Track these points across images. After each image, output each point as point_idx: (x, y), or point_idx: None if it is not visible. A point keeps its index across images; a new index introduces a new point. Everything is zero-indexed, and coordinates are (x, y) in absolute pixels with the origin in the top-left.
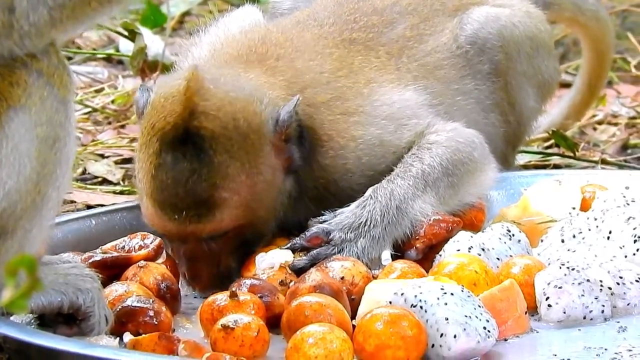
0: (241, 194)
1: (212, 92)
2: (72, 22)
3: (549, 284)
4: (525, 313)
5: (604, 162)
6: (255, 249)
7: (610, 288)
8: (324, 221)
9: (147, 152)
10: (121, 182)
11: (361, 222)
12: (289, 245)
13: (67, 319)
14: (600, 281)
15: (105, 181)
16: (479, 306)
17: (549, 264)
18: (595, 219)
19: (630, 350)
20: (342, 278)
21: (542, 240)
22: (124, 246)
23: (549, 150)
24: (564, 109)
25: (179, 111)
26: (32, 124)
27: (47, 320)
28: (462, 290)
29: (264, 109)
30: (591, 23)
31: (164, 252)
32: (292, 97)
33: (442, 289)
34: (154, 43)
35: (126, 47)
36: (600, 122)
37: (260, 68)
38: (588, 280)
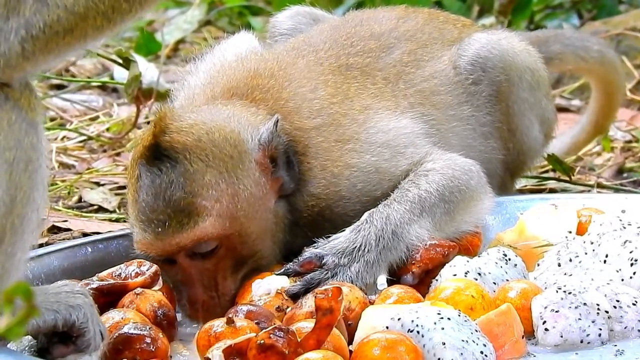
0: (222, 202)
1: (185, 116)
2: (44, 55)
3: (545, 307)
4: (522, 337)
5: (599, 186)
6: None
7: (607, 312)
8: (318, 247)
9: (130, 182)
10: (117, 210)
11: (355, 247)
12: (282, 270)
13: (62, 337)
14: (597, 305)
15: (100, 209)
16: (476, 331)
17: (546, 288)
18: (592, 243)
19: None
20: None
21: (538, 265)
22: (120, 273)
23: (545, 175)
24: (566, 143)
25: (151, 132)
26: (1, 148)
27: (42, 342)
28: (459, 315)
29: (241, 129)
30: (596, 67)
31: (161, 279)
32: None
33: (438, 313)
34: (148, 71)
35: (121, 75)
36: (598, 153)
37: (246, 101)
38: (585, 304)
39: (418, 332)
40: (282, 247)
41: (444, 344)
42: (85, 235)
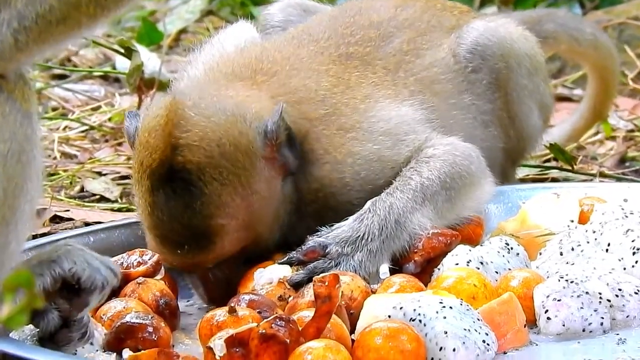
0: (239, 217)
1: (192, 121)
2: (38, 45)
3: (547, 296)
4: (525, 326)
5: (602, 175)
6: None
7: (609, 300)
8: (322, 235)
9: (140, 189)
10: (119, 200)
11: (358, 236)
12: (285, 259)
13: (69, 292)
14: (599, 293)
15: (102, 198)
16: (478, 319)
17: (548, 277)
18: (594, 232)
19: None
20: (341, 292)
21: (540, 253)
22: (122, 263)
23: (547, 164)
24: (565, 131)
25: (162, 147)
26: None
27: (40, 314)
28: (461, 304)
29: (249, 126)
30: (590, 52)
31: (163, 268)
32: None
33: (441, 302)
34: (150, 60)
35: (123, 64)
36: (601, 142)
37: (251, 85)
38: (587, 293)
39: (420, 321)
40: (283, 233)
41: (446, 332)
42: (87, 224)
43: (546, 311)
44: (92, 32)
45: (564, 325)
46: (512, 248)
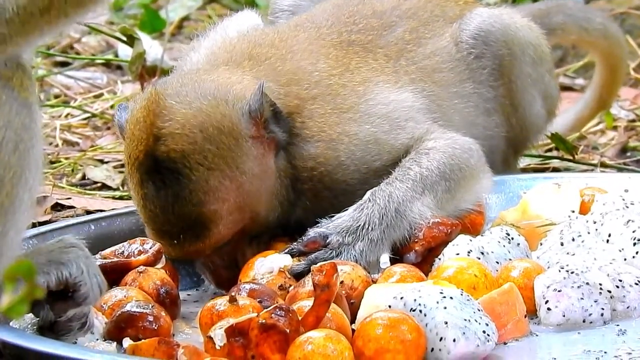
0: (230, 199)
1: (173, 110)
2: (22, 36)
3: (548, 287)
4: (525, 316)
5: (603, 165)
6: (267, 238)
7: (609, 291)
8: (322, 226)
9: (132, 181)
10: (120, 188)
11: (359, 226)
12: (286, 250)
13: (60, 294)
14: (600, 284)
15: (104, 186)
16: (479, 310)
17: (548, 268)
18: (595, 222)
19: (629, 354)
20: (342, 282)
21: (541, 244)
22: (123, 251)
23: (548, 154)
24: (569, 120)
25: (145, 139)
26: None
27: (40, 304)
28: (462, 294)
29: (232, 108)
30: (600, 41)
31: (163, 257)
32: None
33: (441, 292)
34: (152, 48)
35: (125, 52)
36: (602, 132)
37: (237, 69)
38: (587, 284)
39: (420, 311)
40: (285, 205)
41: (446, 323)
42: (88, 212)
43: (546, 302)
44: (83, 18)
45: (564, 316)
46: (512, 238)
